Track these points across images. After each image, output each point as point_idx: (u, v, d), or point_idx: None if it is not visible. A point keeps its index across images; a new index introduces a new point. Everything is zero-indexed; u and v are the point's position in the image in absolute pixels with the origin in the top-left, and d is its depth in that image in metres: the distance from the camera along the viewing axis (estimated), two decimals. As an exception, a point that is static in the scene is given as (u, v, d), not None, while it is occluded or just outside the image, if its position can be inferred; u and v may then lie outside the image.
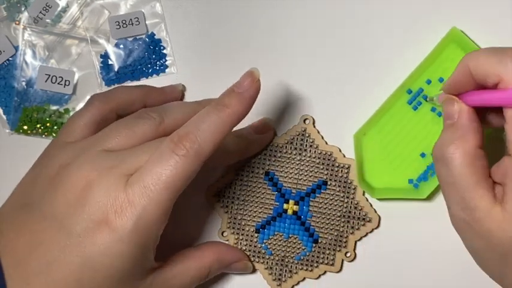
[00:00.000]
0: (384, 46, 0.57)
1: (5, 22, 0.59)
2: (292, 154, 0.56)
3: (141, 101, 0.54)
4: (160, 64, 0.58)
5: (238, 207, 0.56)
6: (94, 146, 0.48)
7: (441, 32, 0.55)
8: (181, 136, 0.46)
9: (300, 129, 0.56)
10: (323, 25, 0.57)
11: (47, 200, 0.47)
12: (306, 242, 0.56)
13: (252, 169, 0.56)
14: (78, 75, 0.59)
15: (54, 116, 0.59)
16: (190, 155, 0.46)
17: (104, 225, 0.45)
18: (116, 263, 0.45)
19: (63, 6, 0.59)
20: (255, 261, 0.56)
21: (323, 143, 0.56)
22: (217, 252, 0.54)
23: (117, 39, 0.58)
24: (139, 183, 0.45)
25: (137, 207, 0.45)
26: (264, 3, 0.58)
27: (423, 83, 0.55)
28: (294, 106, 0.57)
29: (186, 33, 0.58)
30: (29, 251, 0.46)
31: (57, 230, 0.45)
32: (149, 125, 0.50)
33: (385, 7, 0.57)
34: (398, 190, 0.55)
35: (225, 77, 0.51)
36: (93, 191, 0.45)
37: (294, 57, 0.57)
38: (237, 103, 0.48)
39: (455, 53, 0.54)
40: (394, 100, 0.55)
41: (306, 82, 0.57)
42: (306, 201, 0.56)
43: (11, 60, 0.59)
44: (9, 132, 0.59)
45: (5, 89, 0.59)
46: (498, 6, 0.56)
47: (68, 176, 0.47)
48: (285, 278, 0.56)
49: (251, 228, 0.56)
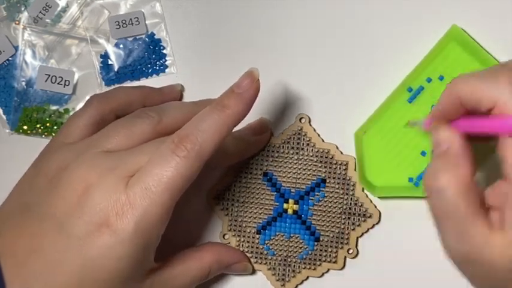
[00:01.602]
0: (384, 44, 0.56)
1: (4, 22, 0.59)
2: (290, 153, 0.56)
3: (140, 102, 0.54)
4: (160, 64, 0.58)
5: (238, 209, 0.56)
6: (93, 147, 0.48)
7: (441, 29, 0.55)
8: (182, 137, 0.46)
9: (296, 128, 0.56)
10: (322, 24, 0.57)
11: (46, 202, 0.47)
12: (308, 241, 0.56)
13: (250, 170, 0.56)
14: (78, 75, 0.59)
15: (54, 116, 0.59)
16: (191, 156, 0.46)
17: (105, 227, 0.45)
18: (117, 265, 0.45)
19: (63, 6, 0.59)
20: (258, 262, 0.56)
21: (320, 141, 0.56)
22: (217, 253, 0.54)
23: (117, 39, 0.58)
24: (140, 184, 0.45)
25: (138, 209, 0.45)
26: (263, 3, 0.57)
27: (423, 81, 0.55)
28: (292, 106, 0.57)
29: (186, 33, 0.58)
30: (28, 253, 0.46)
31: (57, 233, 0.45)
32: (147, 124, 0.50)
33: (385, 5, 0.57)
34: (399, 188, 0.55)
35: (225, 77, 0.51)
36: (93, 193, 0.45)
37: (294, 57, 0.57)
38: (236, 103, 0.48)
39: (455, 51, 0.54)
40: (395, 98, 0.55)
41: (305, 82, 0.57)
42: (306, 200, 0.56)
43: (10, 60, 0.59)
44: (9, 132, 0.59)
45: (4, 89, 0.59)
46: (499, 4, 0.56)
47: (67, 178, 0.47)
48: (288, 277, 0.56)
49: (252, 230, 0.56)
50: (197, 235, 0.57)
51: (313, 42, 0.57)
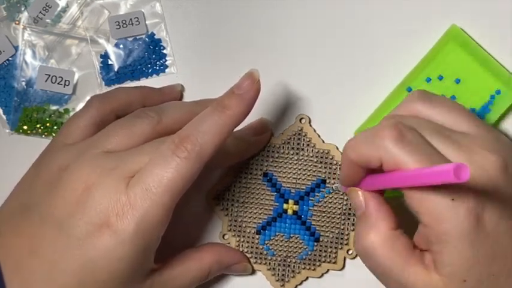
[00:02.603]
0: (384, 44, 0.57)
1: (5, 22, 0.59)
2: (290, 154, 0.56)
3: (140, 102, 0.54)
4: (160, 64, 0.58)
5: (238, 210, 0.56)
6: (93, 147, 0.48)
7: (441, 29, 0.55)
8: (183, 138, 0.46)
9: (296, 129, 0.56)
10: (322, 24, 0.57)
11: (47, 202, 0.47)
12: (308, 241, 0.56)
13: (251, 171, 0.56)
14: (78, 75, 0.59)
15: (54, 116, 0.58)
16: (191, 157, 0.46)
17: (105, 228, 0.45)
18: (117, 266, 0.45)
19: (63, 6, 0.59)
20: (257, 262, 0.56)
21: (320, 142, 0.56)
22: (217, 254, 0.54)
23: (117, 39, 0.58)
24: (141, 185, 0.45)
25: (139, 209, 0.45)
26: (263, 3, 0.57)
27: (423, 81, 0.55)
28: (291, 106, 0.57)
29: (186, 33, 0.58)
30: (29, 254, 0.46)
31: (58, 233, 0.45)
32: (147, 124, 0.50)
33: (385, 5, 0.57)
34: (396, 188, 0.55)
35: (225, 77, 0.51)
36: (94, 194, 0.45)
37: (294, 57, 0.57)
38: (237, 104, 0.48)
39: (454, 51, 0.55)
40: (394, 98, 0.55)
41: (305, 82, 0.57)
42: (306, 200, 0.56)
43: (10, 60, 0.59)
44: (9, 132, 0.59)
45: (5, 89, 0.59)
46: (498, 4, 0.56)
47: (67, 179, 0.47)
48: (288, 278, 0.56)
49: (252, 230, 0.56)
50: (197, 235, 0.57)
51: (313, 42, 0.57)
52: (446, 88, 0.54)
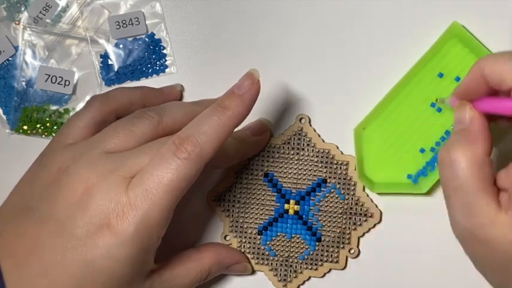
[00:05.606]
0: (384, 41, 0.56)
1: (5, 22, 0.59)
2: (290, 154, 0.56)
3: (140, 102, 0.54)
4: (160, 64, 0.58)
5: (240, 210, 0.56)
6: (93, 147, 0.48)
7: (442, 26, 0.54)
8: (183, 139, 0.46)
9: (296, 129, 0.56)
10: (322, 24, 0.57)
11: (47, 203, 0.47)
12: (309, 241, 0.56)
13: (251, 171, 0.56)
14: (78, 75, 0.59)
15: (54, 116, 0.58)
16: (192, 158, 0.46)
17: (106, 228, 0.45)
18: (117, 267, 0.45)
19: (63, 6, 0.58)
20: (259, 263, 0.56)
21: (320, 141, 0.56)
22: (217, 254, 0.54)
23: (117, 39, 0.58)
24: (141, 186, 0.45)
25: (139, 210, 0.45)
26: (263, 4, 0.57)
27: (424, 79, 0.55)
28: (291, 106, 0.57)
29: (186, 33, 0.58)
30: (29, 254, 0.46)
31: (58, 234, 0.45)
32: (148, 124, 0.50)
33: (385, 3, 0.56)
34: (398, 185, 0.55)
35: (225, 77, 0.51)
36: (94, 195, 0.45)
37: (294, 57, 0.57)
38: (237, 105, 0.48)
39: (456, 48, 0.54)
40: (394, 95, 0.55)
41: (305, 82, 0.57)
42: (307, 200, 0.56)
43: (10, 60, 0.59)
44: (9, 132, 0.59)
45: (5, 89, 0.59)
46: (499, 1, 0.56)
47: (67, 179, 0.47)
48: (290, 278, 0.56)
49: (253, 231, 0.56)
50: (198, 237, 0.57)
51: (313, 42, 0.57)
52: (446, 85, 0.54)
